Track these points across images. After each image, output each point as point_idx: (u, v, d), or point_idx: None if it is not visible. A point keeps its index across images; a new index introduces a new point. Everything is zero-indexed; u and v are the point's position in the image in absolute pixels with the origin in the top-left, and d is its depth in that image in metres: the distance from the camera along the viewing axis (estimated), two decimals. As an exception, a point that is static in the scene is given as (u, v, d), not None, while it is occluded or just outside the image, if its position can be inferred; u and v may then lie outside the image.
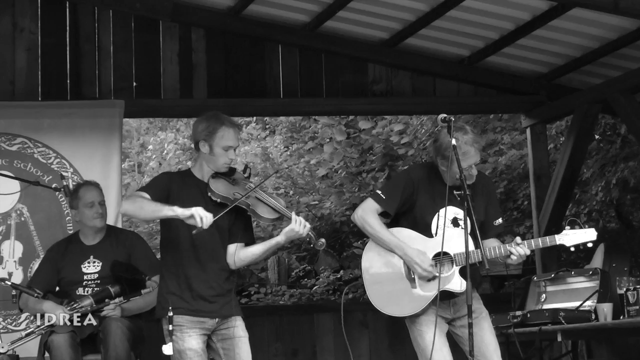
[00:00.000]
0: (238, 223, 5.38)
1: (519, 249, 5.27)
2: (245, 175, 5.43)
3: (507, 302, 7.90)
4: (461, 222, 5.25)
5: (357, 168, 13.57)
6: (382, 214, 5.46)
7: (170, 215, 5.14)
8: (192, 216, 5.07)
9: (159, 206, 5.17)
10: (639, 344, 8.15)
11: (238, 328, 5.34)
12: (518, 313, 7.21)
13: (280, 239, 5.32)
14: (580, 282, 7.34)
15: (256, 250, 5.40)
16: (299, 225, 5.22)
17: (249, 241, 5.43)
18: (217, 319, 5.29)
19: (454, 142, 5.10)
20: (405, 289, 5.37)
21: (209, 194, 5.28)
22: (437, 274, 5.26)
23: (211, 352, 5.35)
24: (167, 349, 5.10)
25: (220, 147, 5.33)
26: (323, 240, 5.29)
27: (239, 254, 5.36)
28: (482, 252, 5.15)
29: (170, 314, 5.10)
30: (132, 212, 5.31)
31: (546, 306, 7.40)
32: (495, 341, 5.43)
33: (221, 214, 5.16)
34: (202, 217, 5.05)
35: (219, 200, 5.26)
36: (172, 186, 5.34)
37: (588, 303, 7.04)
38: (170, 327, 5.11)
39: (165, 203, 5.21)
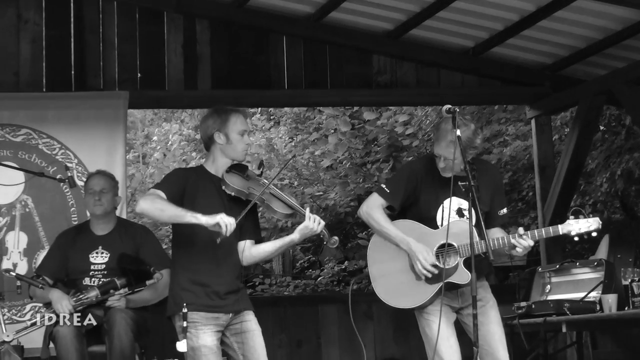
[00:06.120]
0: (249, 220, 5.34)
1: (522, 241, 5.24)
2: (259, 172, 5.42)
3: (512, 293, 7.90)
4: (466, 213, 5.23)
5: (361, 159, 13.56)
6: (388, 208, 5.47)
7: (193, 222, 5.03)
8: (217, 224, 4.99)
9: (182, 212, 5.05)
10: (643, 335, 8.15)
11: (251, 322, 5.30)
12: (523, 304, 7.21)
13: (294, 236, 5.27)
14: (585, 273, 7.33)
15: (269, 247, 5.38)
16: (312, 222, 5.18)
17: (258, 238, 5.42)
18: (230, 314, 5.25)
19: (458, 132, 5.07)
20: (410, 281, 5.37)
21: (223, 187, 5.25)
22: (436, 273, 5.27)
23: (225, 347, 5.29)
24: (181, 346, 5.01)
25: (236, 133, 5.33)
26: (336, 238, 5.20)
27: (250, 251, 5.34)
28: (486, 243, 5.13)
29: (185, 310, 5.04)
30: (152, 214, 5.15)
31: (551, 297, 7.40)
32: (501, 330, 5.43)
33: (243, 213, 5.12)
34: (227, 224, 4.98)
35: (233, 193, 5.24)
36: (187, 182, 5.30)
37: (593, 294, 7.03)
38: (185, 324, 5.03)
39: (180, 200, 5.15)
